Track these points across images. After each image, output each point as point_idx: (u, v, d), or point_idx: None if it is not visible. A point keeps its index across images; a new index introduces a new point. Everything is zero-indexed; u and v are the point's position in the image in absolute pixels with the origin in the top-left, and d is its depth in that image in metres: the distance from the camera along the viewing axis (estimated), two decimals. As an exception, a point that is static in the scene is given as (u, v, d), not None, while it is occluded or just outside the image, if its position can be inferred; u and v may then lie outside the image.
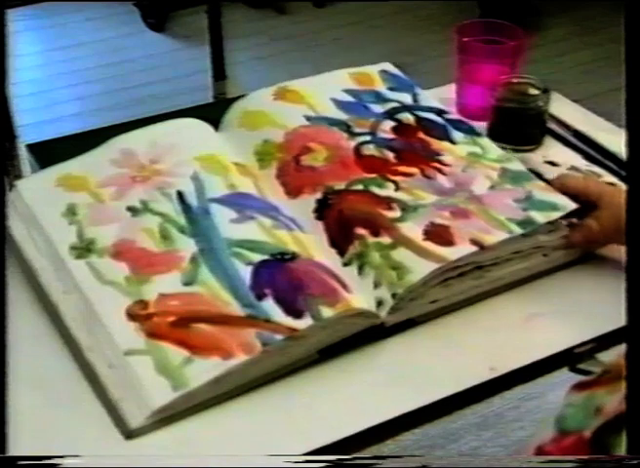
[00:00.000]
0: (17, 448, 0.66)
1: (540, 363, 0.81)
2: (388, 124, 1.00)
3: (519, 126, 1.08)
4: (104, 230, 0.88)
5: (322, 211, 0.90)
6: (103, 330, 0.79)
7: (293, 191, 0.93)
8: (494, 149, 0.98)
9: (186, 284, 0.83)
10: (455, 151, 0.97)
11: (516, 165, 0.96)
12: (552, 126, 1.12)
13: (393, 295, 0.82)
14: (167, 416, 0.74)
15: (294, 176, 0.94)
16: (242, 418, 0.75)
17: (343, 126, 0.99)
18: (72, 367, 0.79)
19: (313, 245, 0.87)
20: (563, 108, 1.14)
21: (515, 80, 1.10)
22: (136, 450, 0.72)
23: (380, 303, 0.82)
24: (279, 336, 0.77)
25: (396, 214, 0.88)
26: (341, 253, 0.86)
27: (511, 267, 0.88)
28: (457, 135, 0.99)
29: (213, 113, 1.04)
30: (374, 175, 0.92)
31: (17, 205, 0.92)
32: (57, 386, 0.78)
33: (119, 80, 2.68)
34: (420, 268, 0.82)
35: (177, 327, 0.79)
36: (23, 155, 1.09)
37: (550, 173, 1.04)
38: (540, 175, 1.03)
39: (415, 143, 0.98)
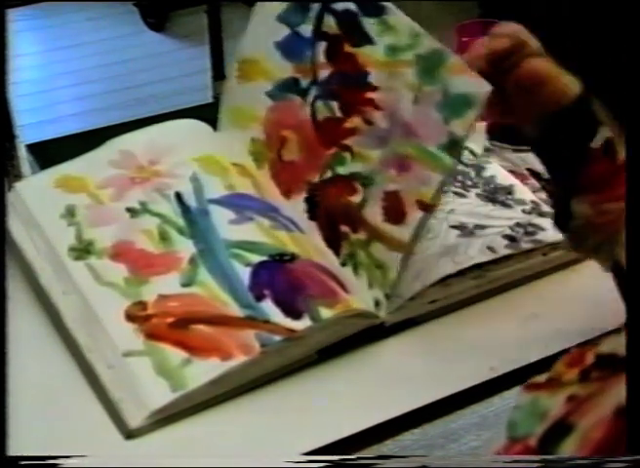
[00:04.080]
0: (16, 448, 0.66)
1: (539, 363, 0.81)
2: (321, 49, 0.92)
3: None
4: (103, 231, 0.88)
5: (313, 210, 0.90)
6: (102, 331, 0.79)
7: (285, 192, 0.93)
8: (402, 27, 0.87)
9: (185, 285, 0.83)
10: (375, 57, 0.88)
11: (426, 42, 0.84)
12: (552, 126, 1.12)
13: (386, 296, 0.82)
14: (167, 417, 0.74)
15: (282, 175, 0.93)
16: (242, 419, 0.75)
17: (294, 86, 0.94)
18: (72, 367, 0.79)
19: (312, 245, 0.87)
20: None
21: (515, 80, 1.10)
22: (135, 451, 0.72)
23: (377, 303, 0.82)
24: (278, 337, 0.77)
25: (359, 197, 0.86)
26: (337, 253, 0.86)
27: (511, 267, 0.88)
28: (369, 26, 0.88)
29: (212, 113, 1.04)
30: (334, 151, 0.89)
31: (16, 206, 0.92)
32: (56, 386, 0.78)
33: (119, 80, 2.68)
34: (392, 262, 0.82)
35: (175, 328, 0.79)
36: (23, 155, 1.09)
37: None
38: (539, 175, 1.03)
39: (346, 69, 0.90)
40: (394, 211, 0.82)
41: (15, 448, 0.63)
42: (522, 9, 0.46)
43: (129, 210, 0.90)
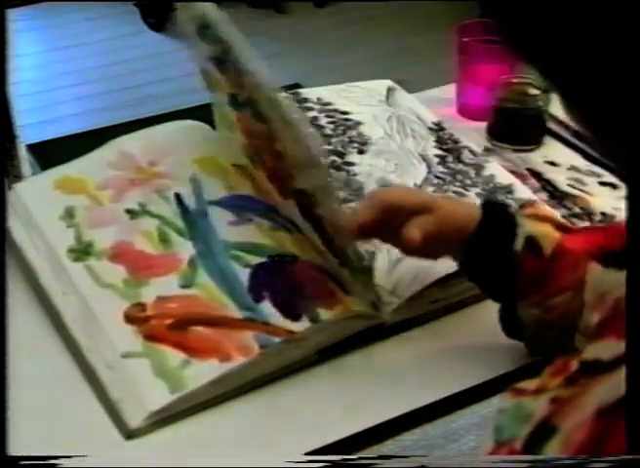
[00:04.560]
0: (16, 447, 0.66)
1: (540, 362, 0.81)
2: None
3: (519, 126, 1.08)
4: (102, 233, 0.88)
5: (304, 213, 0.89)
6: (102, 332, 0.79)
7: (281, 193, 0.92)
8: (240, 50, 0.79)
9: (184, 286, 0.82)
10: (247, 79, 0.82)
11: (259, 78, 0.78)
12: (552, 126, 1.12)
13: (378, 299, 0.81)
14: (166, 417, 0.74)
15: (272, 179, 0.93)
16: (241, 419, 0.75)
17: (235, 100, 0.89)
18: (72, 367, 0.79)
19: (311, 246, 0.87)
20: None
21: (515, 80, 1.10)
22: (135, 451, 0.72)
23: (374, 304, 0.82)
24: (277, 339, 0.77)
25: (320, 210, 0.84)
26: (334, 254, 0.86)
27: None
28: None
29: (212, 113, 1.04)
30: (284, 165, 0.86)
31: (16, 207, 0.92)
32: (56, 386, 0.78)
33: (119, 80, 2.68)
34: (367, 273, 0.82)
35: (174, 329, 0.79)
36: (24, 155, 1.09)
37: (550, 172, 1.04)
38: (540, 175, 1.03)
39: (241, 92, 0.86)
40: (336, 234, 0.82)
41: (15, 448, 0.62)
42: (522, 9, 0.45)
43: (128, 211, 0.90)
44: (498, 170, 1.02)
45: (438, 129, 1.08)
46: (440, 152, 1.04)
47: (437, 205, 0.75)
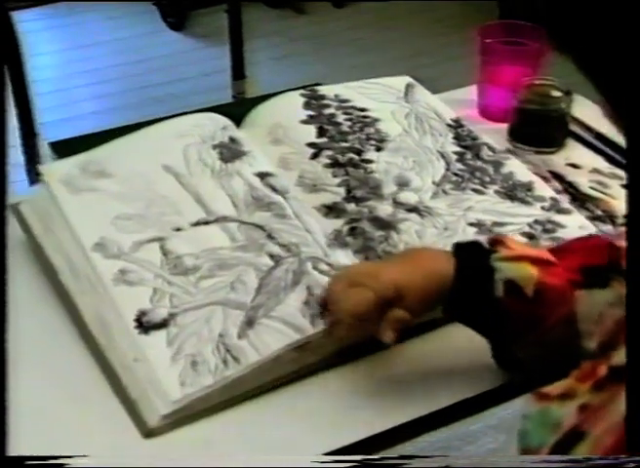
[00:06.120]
0: (34, 446, 0.66)
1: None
2: None
3: (541, 128, 1.07)
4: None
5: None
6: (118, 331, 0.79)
7: None
8: None
9: None
10: None
11: None
12: (574, 128, 1.11)
13: None
14: (185, 416, 0.74)
15: None
16: (260, 419, 0.75)
17: None
18: (92, 364, 0.79)
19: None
20: (585, 110, 1.13)
21: (537, 82, 1.09)
22: (154, 450, 0.72)
23: None
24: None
25: None
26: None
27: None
28: None
29: (232, 112, 1.04)
30: None
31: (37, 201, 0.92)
32: (76, 384, 0.78)
33: (138, 79, 2.69)
34: None
35: None
36: (46, 153, 1.09)
37: (572, 175, 1.03)
38: (562, 178, 1.02)
39: None
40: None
41: (31, 447, 0.62)
42: (539, 9, 0.44)
43: None
44: (517, 167, 1.01)
45: (457, 126, 1.07)
46: (458, 149, 1.03)
47: (407, 288, 0.73)
